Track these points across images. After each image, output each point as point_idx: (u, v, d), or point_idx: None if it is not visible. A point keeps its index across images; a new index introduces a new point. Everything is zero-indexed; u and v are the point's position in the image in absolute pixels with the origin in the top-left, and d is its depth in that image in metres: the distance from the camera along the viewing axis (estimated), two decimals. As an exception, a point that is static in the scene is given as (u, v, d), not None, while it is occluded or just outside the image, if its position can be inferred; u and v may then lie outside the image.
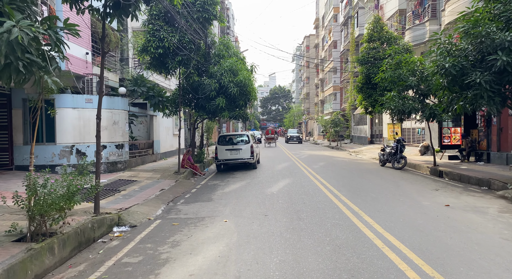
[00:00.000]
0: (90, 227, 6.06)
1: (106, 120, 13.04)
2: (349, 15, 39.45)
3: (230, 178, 13.52)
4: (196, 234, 6.38)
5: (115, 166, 13.29)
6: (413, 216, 7.07)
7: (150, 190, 10.49)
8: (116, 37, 16.19)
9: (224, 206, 8.62)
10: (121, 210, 7.70)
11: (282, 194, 9.79)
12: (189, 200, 9.64)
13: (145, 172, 13.78)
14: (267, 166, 17.45)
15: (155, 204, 8.86)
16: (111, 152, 13.12)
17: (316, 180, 12.11)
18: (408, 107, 13.88)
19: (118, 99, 13.53)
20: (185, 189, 11.43)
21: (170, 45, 12.02)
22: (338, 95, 47.02)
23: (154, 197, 9.59)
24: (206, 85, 13.78)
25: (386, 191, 9.88)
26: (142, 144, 16.84)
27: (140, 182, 11.75)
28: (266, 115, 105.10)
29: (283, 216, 7.34)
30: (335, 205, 8.18)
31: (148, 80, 15.56)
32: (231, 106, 14.53)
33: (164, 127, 19.16)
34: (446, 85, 9.71)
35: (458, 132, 16.18)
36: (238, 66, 14.29)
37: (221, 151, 15.78)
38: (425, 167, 14.69)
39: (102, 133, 13.09)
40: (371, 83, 18.74)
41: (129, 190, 10.34)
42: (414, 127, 22.14)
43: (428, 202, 8.44)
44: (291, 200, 8.93)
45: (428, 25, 20.61)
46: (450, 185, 10.99)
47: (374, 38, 18.90)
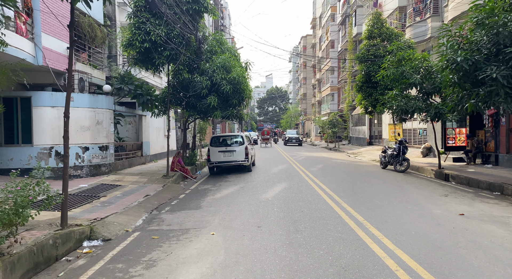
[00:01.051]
0: (51, 244, 5.16)
1: (89, 119, 12.13)
2: (347, 14, 38.73)
3: (223, 182, 12.64)
4: (177, 250, 5.49)
5: (98, 170, 12.37)
6: (426, 228, 6.22)
7: (134, 196, 9.58)
8: (102, 32, 15.28)
9: (213, 215, 7.74)
10: (95, 221, 6.80)
11: (278, 201, 8.92)
12: (176, 207, 8.75)
13: (131, 175, 12.86)
14: (262, 168, 16.58)
15: (136, 213, 7.96)
16: (94, 154, 12.20)
17: (315, 185, 11.25)
18: (412, 106, 13.06)
19: (102, 98, 12.61)
20: (173, 194, 10.53)
21: (157, 39, 11.13)
22: (336, 95, 46.29)
23: (137, 205, 8.69)
24: (197, 83, 12.90)
25: (391, 197, 9.04)
26: (129, 146, 15.92)
27: (124, 187, 10.84)
28: (263, 116, 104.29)
29: (278, 228, 6.47)
30: (337, 214, 7.31)
31: (136, 78, 14.66)
32: (223, 105, 13.65)
33: (154, 127, 18.24)
34: (456, 81, 8.88)
35: (463, 133, 15.38)
36: (232, 63, 13.42)
37: (214, 153, 14.90)
38: (429, 170, 13.87)
39: (85, 134, 12.20)
40: (371, 81, 17.93)
41: (110, 197, 9.42)
42: (415, 127, 21.37)
43: (439, 210, 7.60)
44: (287, 208, 8.06)
45: (430, 22, 19.84)
46: (460, 190, 10.16)
47: (375, 35, 18.10)
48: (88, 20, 13.92)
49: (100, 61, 15.77)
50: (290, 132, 45.74)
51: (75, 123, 11.79)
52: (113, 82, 14.55)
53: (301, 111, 76.62)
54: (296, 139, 39.70)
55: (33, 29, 10.68)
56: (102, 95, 12.68)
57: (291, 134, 42.27)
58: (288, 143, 39.85)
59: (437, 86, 12.65)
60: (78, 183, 11.08)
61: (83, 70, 13.03)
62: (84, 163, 11.99)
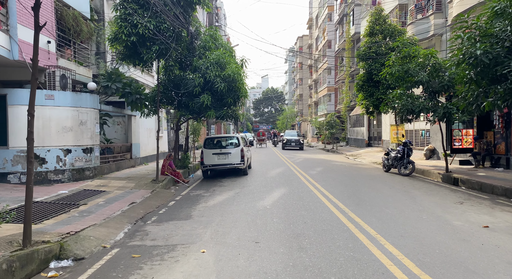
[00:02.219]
0: (4, 269, 4.25)
1: (71, 120, 11.18)
2: (345, 13, 38.04)
3: (217, 187, 11.75)
4: (159, 274, 4.60)
5: (82, 174, 11.42)
6: (451, 245, 5.38)
7: (118, 204, 8.67)
8: (88, 27, 14.34)
9: (205, 226, 6.85)
10: (68, 235, 5.89)
11: (277, 209, 8.05)
12: (163, 217, 7.84)
13: (118, 180, 11.93)
14: (259, 171, 15.71)
15: (118, 224, 7.05)
16: (77, 157, 11.25)
17: (316, 190, 10.40)
18: (418, 106, 12.27)
19: (86, 96, 11.68)
20: (162, 201, 9.62)
21: (145, 32, 10.24)
22: (333, 96, 45.55)
23: (120, 214, 7.78)
24: (189, 80, 12.01)
25: (402, 205, 8.20)
26: (117, 148, 14.97)
27: (109, 193, 9.91)
28: (258, 117, 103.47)
29: (279, 244, 5.60)
30: (345, 226, 6.46)
31: (124, 76, 13.74)
32: (217, 104, 12.77)
33: (145, 128, 17.30)
34: (473, 77, 8.07)
35: (470, 134, 14.61)
36: (226, 59, 12.54)
37: (208, 156, 14.01)
38: (436, 174, 13.08)
39: (66, 135, 11.25)
40: (373, 80, 17.13)
41: (91, 205, 8.50)
42: (417, 128, 20.62)
43: (459, 221, 6.77)
44: (288, 218, 7.19)
45: (433, 19, 19.11)
46: (474, 197, 9.36)
47: (376, 32, 17.31)
48: (73, 13, 12.99)
49: (86, 57, 14.83)
50: (289, 133, 35.91)
51: (56, 124, 10.86)
52: (99, 80, 13.62)
53: (297, 112, 75.90)
54: (296, 141, 32.27)
55: (8, 20, 9.73)
56: (86, 93, 11.74)
57: (290, 136, 33.97)
58: (286, 146, 32.46)
59: (446, 84, 11.88)
60: (58, 188, 10.14)
61: (66, 67, 12.09)
62: (66, 167, 11.05)
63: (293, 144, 32.11)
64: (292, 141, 32.21)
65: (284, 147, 32.48)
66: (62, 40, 13.27)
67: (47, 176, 10.71)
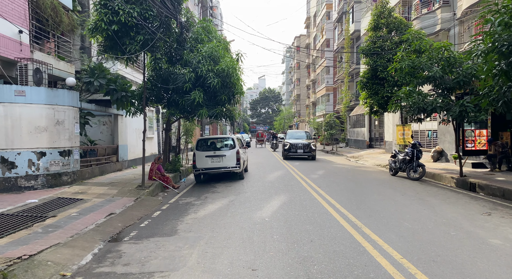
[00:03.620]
0: None
1: (46, 119, 9.98)
2: (344, 11, 37.04)
3: (210, 193, 10.60)
4: (124, 322, 3.44)
5: (58, 179, 10.22)
6: (501, 274, 4.26)
7: (93, 216, 7.49)
8: (70, 19, 13.16)
9: (192, 245, 5.70)
10: (19, 261, 4.72)
11: (278, 222, 6.91)
12: (144, 232, 6.68)
13: (100, 186, 10.74)
14: (256, 175, 14.57)
15: (87, 243, 5.88)
16: (52, 161, 10.06)
17: (320, 198, 9.27)
18: (431, 104, 11.18)
19: (64, 92, 10.48)
20: (146, 211, 8.45)
21: (127, 19, 9.07)
22: (332, 96, 44.56)
23: (93, 229, 6.61)
24: (178, 75, 10.85)
25: (422, 217, 7.08)
26: (102, 150, 13.76)
27: (85, 202, 8.72)
28: (255, 118, 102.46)
29: (282, 272, 4.46)
30: (361, 247, 5.32)
31: (108, 71, 12.55)
32: (210, 102, 11.61)
33: (133, 128, 16.11)
34: (504, 68, 6.97)
35: (484, 135, 13.54)
36: (220, 52, 11.40)
37: (200, 158, 12.86)
38: (449, 178, 12.00)
39: (40, 136, 10.04)
40: (378, 77, 16.04)
41: (60, 217, 7.31)
42: (422, 129, 19.55)
43: (496, 239, 5.65)
44: (291, 235, 6.05)
45: (440, 13, 18.07)
46: (499, 205, 8.26)
47: (381, 25, 16.23)
48: (51, 2, 11.81)
49: (68, 51, 13.64)
50: (294, 134, 24.05)
51: (28, 123, 9.66)
52: (81, 76, 12.43)
53: (295, 113, 74.88)
54: (304, 147, 21.20)
55: (-30, 5, 8.55)
56: (64, 90, 10.55)
57: (295, 139, 22.52)
58: (291, 154, 21.38)
59: (461, 79, 10.80)
60: (28, 197, 8.93)
61: (42, 60, 10.90)
62: (39, 172, 9.85)
63: (300, 151, 21.02)
64: (298, 147, 21.09)
65: (288, 155, 21.32)
66: (41, 32, 12.09)
67: (16, 182, 9.51)
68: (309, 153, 21.05)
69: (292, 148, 21.23)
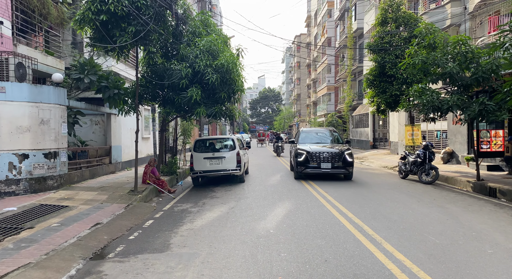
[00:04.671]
0: None
1: (29, 118, 9.15)
2: (346, 8, 36.24)
3: (208, 199, 9.77)
4: None
5: (43, 184, 9.38)
6: None
7: (76, 227, 6.66)
8: (59, 11, 12.31)
9: (186, 265, 4.88)
10: (-25, 289, 3.89)
11: (284, 235, 6.08)
12: (132, 246, 5.85)
13: (89, 191, 9.90)
14: (257, 178, 13.75)
15: (63, 262, 5.04)
16: (36, 164, 9.21)
17: (329, 204, 8.44)
18: (447, 102, 10.36)
19: (49, 89, 9.65)
20: (137, 220, 7.62)
21: (117, 9, 8.23)
22: (333, 95, 43.76)
23: (73, 243, 5.78)
24: (174, 71, 10.02)
25: (448, 230, 6.26)
26: (93, 151, 12.91)
27: (70, 210, 7.89)
28: (255, 118, 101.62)
29: (294, 306, 3.62)
30: (387, 271, 4.49)
31: (100, 67, 11.69)
32: (209, 99, 10.78)
33: (128, 128, 15.27)
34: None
35: (500, 136, 12.73)
36: (219, 46, 10.57)
37: (198, 160, 12.04)
38: (464, 182, 11.19)
39: (22, 137, 9.18)
40: (386, 74, 15.21)
41: (39, 228, 6.48)
42: (431, 129, 18.74)
43: (542, 258, 4.83)
44: (301, 252, 5.22)
45: (450, 8, 17.24)
46: (529, 214, 7.44)
47: (389, 20, 15.40)
48: (37, -8, 10.96)
49: (58, 46, 12.80)
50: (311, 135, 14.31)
51: (9, 122, 8.82)
52: (70, 72, 11.57)
53: (295, 113, 74.07)
54: (334, 158, 12.09)
55: None
56: (49, 86, 9.72)
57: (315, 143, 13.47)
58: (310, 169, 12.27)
59: (480, 76, 9.98)
60: (6, 204, 8.10)
61: (27, 55, 10.06)
62: (21, 176, 9.00)
63: (326, 166, 12.12)
64: (323, 158, 12.15)
65: (305, 172, 12.44)
66: (27, 25, 11.25)
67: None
68: (342, 170, 11.96)
69: (312, 160, 11.99)
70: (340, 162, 12.00)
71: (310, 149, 12.36)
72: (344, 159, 12.04)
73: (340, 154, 12.10)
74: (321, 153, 12.13)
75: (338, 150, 12.21)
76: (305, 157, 12.20)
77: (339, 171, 12.17)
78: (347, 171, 12.15)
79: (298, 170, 12.38)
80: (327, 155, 12.09)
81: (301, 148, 12.58)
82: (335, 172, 12.20)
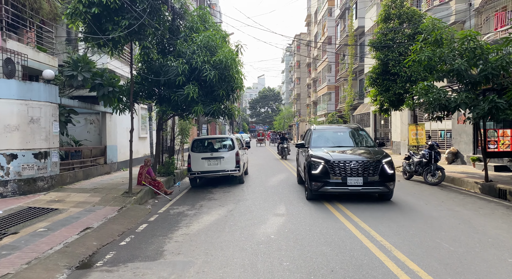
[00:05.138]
0: None
1: (18, 116, 8.73)
2: (347, 6, 35.83)
3: (205, 201, 9.36)
4: None
5: (32, 185, 8.96)
6: None
7: (64, 232, 6.24)
8: (52, 6, 11.90)
9: (179, 276, 4.48)
10: None
11: (286, 241, 5.66)
12: (123, 253, 5.43)
13: (81, 192, 9.48)
14: (257, 179, 13.34)
15: (45, 273, 4.63)
16: (25, 164, 8.79)
17: (332, 207, 8.03)
18: (455, 100, 9.95)
19: (40, 86, 9.23)
20: (130, 224, 7.21)
21: (110, 1, 7.81)
22: (333, 94, 43.37)
23: (59, 250, 5.36)
24: (170, 67, 9.60)
25: (462, 236, 5.84)
26: (87, 151, 12.48)
27: (60, 213, 7.47)
28: (255, 118, 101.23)
29: (299, 326, 3.21)
30: (399, 282, 4.08)
31: (94, 63, 11.27)
32: (207, 97, 10.36)
33: (124, 128, 14.84)
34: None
35: (508, 135, 12.32)
36: (218, 42, 10.15)
37: (196, 161, 11.64)
38: (472, 183, 10.78)
39: (10, 136, 8.75)
40: (389, 72, 14.80)
41: (24, 233, 6.06)
42: (434, 128, 18.33)
43: None
44: (305, 261, 4.81)
45: (454, 4, 16.84)
46: (545, 218, 7.03)
47: (392, 16, 14.99)
48: (28, -15, 10.55)
49: (51, 43, 12.37)
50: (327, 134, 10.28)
51: (-7, 121, 8.40)
52: (63, 69, 11.15)
53: (295, 112, 73.66)
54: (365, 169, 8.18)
55: None
56: (39, 83, 9.30)
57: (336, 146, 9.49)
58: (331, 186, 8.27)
59: (490, 72, 9.56)
60: (-7, 207, 7.68)
61: (16, 50, 9.64)
62: (9, 177, 8.58)
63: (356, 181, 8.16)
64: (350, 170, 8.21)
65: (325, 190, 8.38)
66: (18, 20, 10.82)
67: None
68: (380, 187, 8.30)
69: (334, 173, 8.32)
70: (376, 175, 8.09)
71: (331, 156, 8.39)
72: (383, 171, 8.13)
73: (376, 163, 8.16)
74: (347, 162, 8.16)
75: (371, 158, 8.30)
76: (324, 169, 8.24)
77: (375, 189, 8.19)
78: (386, 188, 8.19)
79: (313, 187, 8.39)
80: (356, 165, 8.12)
81: (316, 155, 8.62)
82: (369, 190, 8.19)
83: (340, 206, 8.07)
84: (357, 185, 8.10)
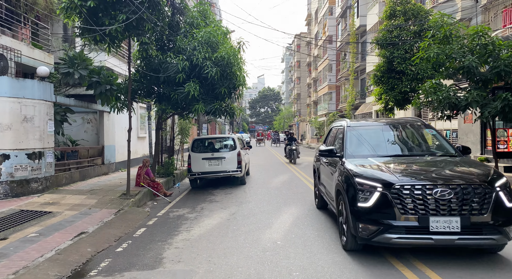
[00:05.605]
0: None
1: (10, 114, 8.34)
2: (348, 5, 35.51)
3: (206, 203, 8.99)
4: None
5: (26, 187, 8.58)
6: None
7: (56, 237, 5.86)
8: (47, 1, 11.52)
9: (179, 287, 4.09)
10: None
11: (295, 249, 5.29)
12: (119, 262, 5.05)
13: (77, 194, 9.10)
14: (259, 179, 12.97)
15: (34, 283, 4.25)
16: (18, 165, 8.41)
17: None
18: (466, 98, 9.57)
19: (33, 84, 8.84)
20: (127, 228, 6.82)
21: (107, -6, 7.44)
22: (334, 94, 43.07)
23: (50, 258, 4.98)
24: (170, 64, 9.22)
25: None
26: (84, 151, 12.10)
27: (54, 216, 7.09)
28: (255, 118, 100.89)
29: None
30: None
31: (91, 61, 10.93)
32: (208, 95, 9.98)
33: (122, 127, 14.45)
34: None
35: (518, 135, 11.97)
36: (219, 38, 9.78)
37: (196, 161, 11.27)
38: (482, 184, 10.36)
39: (2, 135, 8.32)
40: (395, 70, 14.44)
41: (13, 239, 5.68)
42: (439, 128, 17.96)
43: None
44: (315, 270, 4.44)
45: (460, 1, 16.50)
46: None
47: (398, 13, 14.62)
48: (22, -21, 10.17)
49: (47, 39, 11.99)
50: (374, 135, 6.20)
51: (-17, 119, 8.02)
52: (59, 66, 10.78)
53: (295, 112, 73.33)
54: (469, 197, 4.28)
55: None
56: (33, 80, 8.92)
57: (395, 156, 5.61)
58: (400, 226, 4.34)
59: (502, 69, 9.19)
60: (-18, 210, 7.29)
61: (10, 46, 9.25)
62: (1, 178, 8.20)
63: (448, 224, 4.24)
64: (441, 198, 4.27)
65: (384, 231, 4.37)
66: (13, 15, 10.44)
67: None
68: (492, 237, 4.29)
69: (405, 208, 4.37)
70: (487, 212, 4.32)
71: (395, 176, 4.65)
72: (498, 205, 4.37)
73: (484, 189, 4.41)
74: (427, 188, 4.42)
75: (472, 179, 4.57)
76: (382, 200, 4.50)
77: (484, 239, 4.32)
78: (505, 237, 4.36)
79: (362, 233, 4.61)
80: (445, 192, 4.36)
81: (365, 173, 4.91)
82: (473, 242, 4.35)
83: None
84: (450, 232, 4.27)
